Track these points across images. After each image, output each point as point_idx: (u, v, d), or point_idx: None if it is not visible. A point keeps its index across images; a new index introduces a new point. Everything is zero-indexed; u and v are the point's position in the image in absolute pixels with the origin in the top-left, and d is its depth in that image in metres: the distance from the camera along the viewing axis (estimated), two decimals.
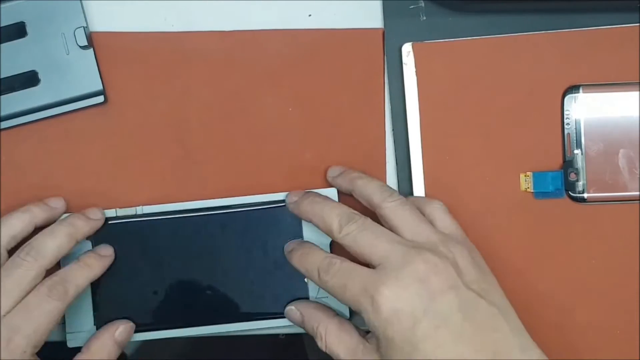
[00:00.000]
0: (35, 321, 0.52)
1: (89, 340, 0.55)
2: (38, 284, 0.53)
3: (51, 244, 0.54)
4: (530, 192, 0.57)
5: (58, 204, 0.57)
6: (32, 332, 0.51)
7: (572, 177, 0.57)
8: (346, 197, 0.57)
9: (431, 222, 0.54)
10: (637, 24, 0.57)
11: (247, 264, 0.57)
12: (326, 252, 0.54)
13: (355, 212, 0.53)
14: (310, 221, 0.55)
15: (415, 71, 0.58)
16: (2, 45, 0.57)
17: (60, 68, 0.57)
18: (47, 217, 0.56)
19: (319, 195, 0.56)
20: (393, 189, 0.55)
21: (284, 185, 0.58)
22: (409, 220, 0.53)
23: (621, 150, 0.57)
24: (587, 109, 0.57)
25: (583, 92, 0.57)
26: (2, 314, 0.51)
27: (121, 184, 0.58)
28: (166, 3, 0.59)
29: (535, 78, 0.57)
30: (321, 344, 0.53)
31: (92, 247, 0.57)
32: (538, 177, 0.57)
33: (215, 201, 0.58)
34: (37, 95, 0.57)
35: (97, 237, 0.57)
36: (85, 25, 0.57)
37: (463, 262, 0.51)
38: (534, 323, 0.57)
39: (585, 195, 0.57)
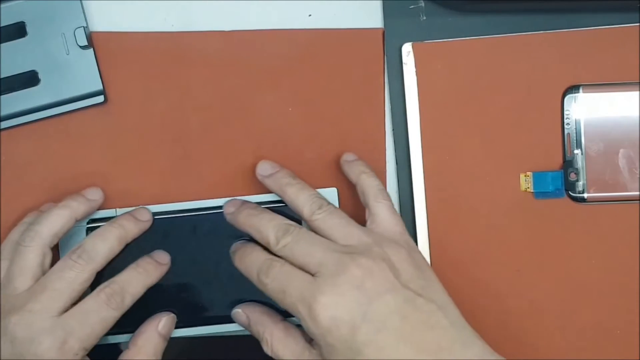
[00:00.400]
0: (91, 326, 0.52)
1: (133, 336, 0.55)
2: (96, 289, 0.53)
3: (103, 248, 0.54)
4: (530, 192, 0.57)
5: (96, 195, 0.57)
6: (86, 336, 0.52)
7: (572, 177, 0.57)
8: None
9: (372, 219, 0.54)
10: (637, 24, 0.57)
11: None
12: (268, 253, 0.54)
13: (291, 223, 0.54)
14: (247, 233, 0.55)
15: (415, 71, 0.58)
16: (2, 45, 0.57)
17: (60, 68, 0.57)
18: (86, 210, 0.56)
19: (256, 207, 0.56)
20: (322, 199, 0.54)
21: None
22: (339, 226, 0.53)
23: (621, 150, 0.57)
24: (587, 109, 0.57)
25: (583, 92, 0.57)
26: (55, 314, 0.52)
27: (121, 183, 0.58)
28: (166, 3, 0.59)
29: (535, 78, 0.57)
30: (267, 349, 0.53)
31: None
32: (538, 177, 0.57)
33: (215, 201, 0.58)
34: (37, 95, 0.57)
35: None
36: (85, 25, 0.57)
37: (399, 261, 0.51)
38: (534, 323, 0.57)
39: (585, 195, 0.57)
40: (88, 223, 0.57)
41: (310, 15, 0.59)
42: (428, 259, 0.58)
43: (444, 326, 0.50)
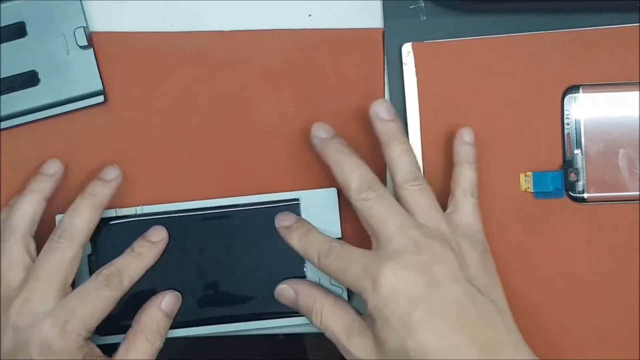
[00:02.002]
0: (91, 306, 0.53)
1: (137, 314, 0.55)
2: (94, 273, 0.54)
3: (79, 222, 0.54)
4: (530, 192, 0.57)
5: (54, 167, 0.57)
6: (88, 316, 0.52)
7: (572, 177, 0.57)
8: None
9: (455, 210, 0.55)
10: (637, 24, 0.57)
11: (246, 264, 0.57)
12: (324, 235, 0.54)
13: (376, 178, 0.53)
14: (328, 166, 0.55)
15: (415, 71, 0.58)
16: (2, 45, 0.57)
17: (60, 68, 0.57)
18: (52, 185, 0.57)
19: (347, 145, 0.55)
20: (420, 171, 0.54)
21: (284, 185, 0.58)
22: (424, 206, 0.53)
23: (621, 150, 0.57)
24: (587, 109, 0.57)
25: (583, 92, 0.57)
26: (53, 297, 0.52)
27: (121, 183, 0.58)
28: (166, 3, 0.59)
29: (535, 78, 0.57)
30: (316, 321, 0.53)
31: (93, 248, 0.57)
32: (538, 177, 0.57)
33: (215, 201, 0.58)
34: (37, 95, 0.57)
35: (98, 237, 0.57)
36: (85, 25, 0.57)
37: (469, 257, 0.52)
38: (533, 323, 0.57)
39: (585, 195, 0.57)
40: None
41: (310, 15, 0.59)
42: None
43: (499, 327, 0.50)
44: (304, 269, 0.57)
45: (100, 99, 0.58)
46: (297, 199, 0.57)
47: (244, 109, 0.59)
